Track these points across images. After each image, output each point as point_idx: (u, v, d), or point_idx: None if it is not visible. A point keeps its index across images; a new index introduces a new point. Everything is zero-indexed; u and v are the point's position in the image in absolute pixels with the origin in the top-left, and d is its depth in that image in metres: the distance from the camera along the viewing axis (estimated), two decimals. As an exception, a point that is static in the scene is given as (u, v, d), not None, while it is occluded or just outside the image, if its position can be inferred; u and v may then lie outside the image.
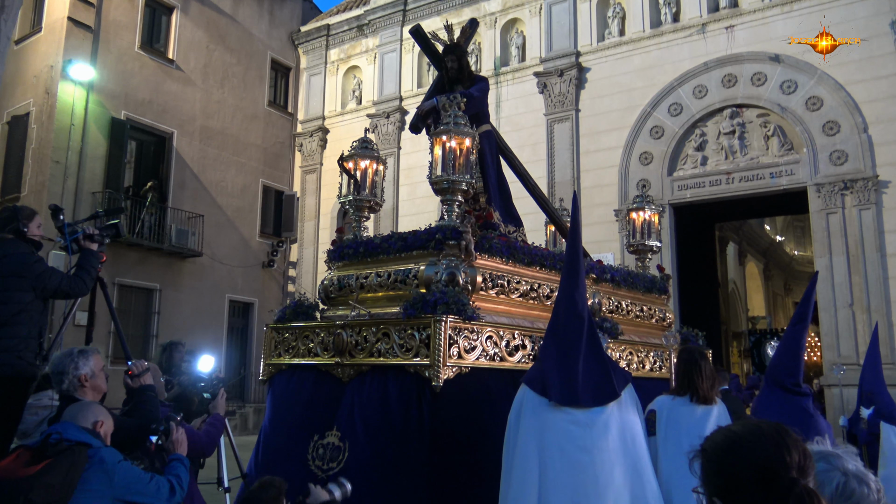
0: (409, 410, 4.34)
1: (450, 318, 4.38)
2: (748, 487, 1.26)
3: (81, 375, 3.43)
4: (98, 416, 3.02)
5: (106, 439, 3.01)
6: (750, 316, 25.01)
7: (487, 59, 18.70)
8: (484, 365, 4.59)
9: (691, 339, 7.04)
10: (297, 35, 22.06)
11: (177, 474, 3.14)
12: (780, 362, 4.50)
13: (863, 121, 13.86)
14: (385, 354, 4.62)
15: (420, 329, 4.44)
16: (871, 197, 13.68)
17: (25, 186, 16.12)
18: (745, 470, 1.28)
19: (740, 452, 1.31)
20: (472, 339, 4.54)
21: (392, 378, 4.52)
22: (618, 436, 3.36)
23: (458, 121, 5.14)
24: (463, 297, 4.58)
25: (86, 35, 16.53)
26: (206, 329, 18.31)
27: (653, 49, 16.33)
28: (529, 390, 3.37)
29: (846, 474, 1.77)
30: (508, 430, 3.38)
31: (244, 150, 20.09)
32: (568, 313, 3.49)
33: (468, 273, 4.81)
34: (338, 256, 5.66)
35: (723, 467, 1.31)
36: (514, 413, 3.42)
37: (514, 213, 6.49)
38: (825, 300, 13.97)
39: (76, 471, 2.71)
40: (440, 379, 4.25)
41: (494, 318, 4.93)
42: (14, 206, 4.24)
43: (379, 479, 4.29)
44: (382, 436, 4.39)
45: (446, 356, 4.31)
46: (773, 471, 1.27)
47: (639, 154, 16.18)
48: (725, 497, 1.26)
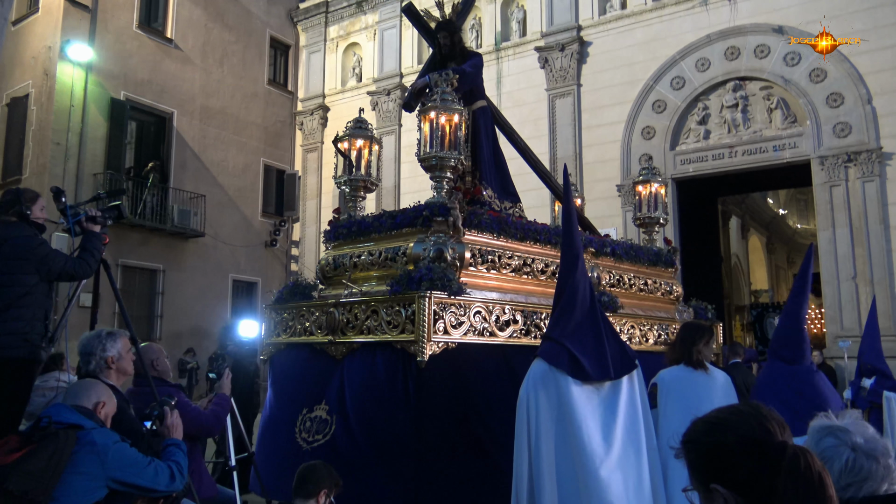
0: (396, 385, 4.40)
1: (435, 294, 4.41)
2: (741, 462, 1.26)
3: (108, 357, 3.46)
4: (100, 397, 2.98)
5: (106, 421, 2.96)
6: (753, 289, 25.00)
7: (488, 34, 18.54)
8: (473, 340, 4.62)
9: (700, 311, 7.03)
10: (296, 12, 21.88)
11: (176, 461, 3.01)
12: (780, 335, 4.52)
13: (867, 92, 13.74)
14: (374, 332, 4.68)
15: (406, 305, 4.48)
16: (874, 169, 13.61)
17: (26, 168, 16.11)
18: (734, 446, 1.28)
19: (725, 432, 1.31)
20: (458, 314, 4.57)
21: (380, 354, 4.58)
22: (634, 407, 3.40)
23: (446, 97, 5.13)
24: (449, 273, 4.62)
25: (83, 15, 16.41)
26: (210, 309, 18.40)
27: (655, 22, 16.17)
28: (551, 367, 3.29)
29: (855, 450, 1.77)
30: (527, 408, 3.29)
31: (245, 130, 20.03)
32: (576, 287, 3.48)
33: (456, 249, 4.83)
34: (333, 236, 5.74)
35: (711, 450, 1.31)
36: (530, 389, 3.29)
37: (510, 190, 6.48)
38: (828, 273, 13.96)
39: (60, 455, 2.64)
40: (425, 354, 4.30)
41: (485, 293, 4.94)
42: (17, 189, 4.23)
43: (367, 451, 4.35)
44: (370, 410, 4.46)
45: (430, 332, 4.35)
46: (760, 440, 1.28)
47: (641, 128, 16.09)
48: (721, 480, 1.26)
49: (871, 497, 1.74)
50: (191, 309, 17.91)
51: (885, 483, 1.77)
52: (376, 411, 4.42)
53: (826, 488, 1.25)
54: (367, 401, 4.51)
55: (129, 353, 3.62)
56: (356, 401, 4.57)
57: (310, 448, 4.64)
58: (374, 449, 4.35)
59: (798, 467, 1.25)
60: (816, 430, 1.94)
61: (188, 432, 3.62)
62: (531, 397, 3.26)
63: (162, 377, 4.23)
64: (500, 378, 3.97)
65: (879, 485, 1.78)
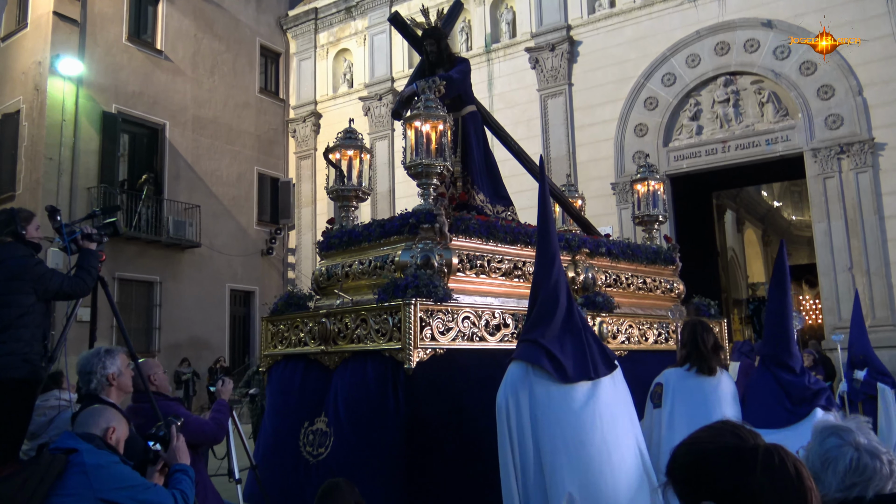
0: (385, 393, 4.40)
1: (421, 301, 4.42)
2: (722, 472, 1.30)
3: (109, 374, 3.45)
4: (110, 423, 2.93)
5: (118, 446, 2.91)
6: (750, 283, 25.06)
7: (478, 36, 18.57)
8: (462, 346, 4.62)
9: (703, 308, 7.01)
10: (285, 20, 21.88)
11: (182, 489, 2.90)
12: (766, 334, 4.48)
13: (857, 83, 13.78)
14: (364, 340, 4.69)
15: (392, 313, 4.49)
16: (867, 160, 13.65)
17: (20, 185, 16.09)
18: (713, 457, 1.33)
19: (702, 447, 1.36)
20: (446, 320, 4.57)
21: (370, 363, 4.58)
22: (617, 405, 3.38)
23: (430, 104, 5.13)
24: (435, 280, 4.62)
25: (72, 29, 16.40)
26: (208, 319, 18.38)
27: (644, 19, 16.21)
28: (531, 368, 3.28)
29: (858, 449, 1.78)
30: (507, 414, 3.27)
31: (237, 139, 20.02)
32: (551, 289, 3.46)
33: (443, 255, 4.83)
34: (326, 247, 5.78)
35: (693, 468, 1.35)
36: (510, 393, 3.27)
37: (502, 193, 6.47)
38: (824, 265, 14.00)
39: (41, 479, 2.57)
40: (412, 361, 4.31)
41: (474, 298, 4.94)
42: (11, 209, 4.22)
43: (361, 462, 4.35)
44: (362, 420, 4.46)
45: (417, 339, 4.35)
46: (735, 447, 1.33)
47: (634, 126, 16.12)
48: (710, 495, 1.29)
49: (882, 496, 1.75)
50: (189, 320, 17.88)
51: (891, 482, 1.77)
52: (368, 420, 4.43)
53: (803, 479, 1.29)
54: (358, 409, 4.52)
55: (128, 370, 3.61)
56: (349, 410, 4.58)
57: (316, 461, 4.64)
58: (367, 458, 4.34)
59: (772, 463, 1.29)
60: (820, 430, 1.95)
61: (192, 443, 3.61)
62: (510, 402, 3.22)
63: (161, 392, 4.22)
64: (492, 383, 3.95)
65: (885, 483, 1.79)
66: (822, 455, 1.92)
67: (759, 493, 1.26)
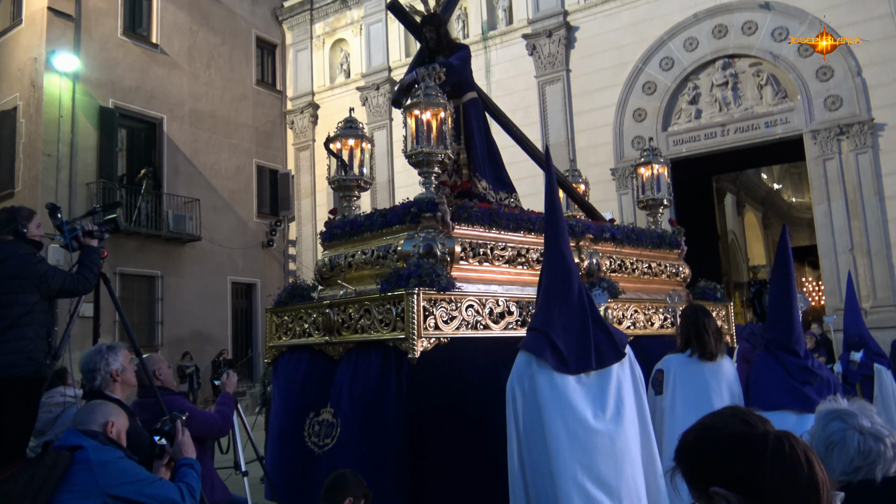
0: (389, 383, 4.40)
1: (423, 291, 4.41)
2: (732, 458, 1.30)
3: (113, 371, 3.48)
4: (108, 417, 2.94)
5: (120, 438, 2.92)
6: (750, 266, 25.04)
7: (475, 23, 18.48)
8: (466, 334, 4.61)
9: (709, 293, 6.98)
10: (281, 11, 21.78)
11: (188, 482, 2.89)
12: (770, 318, 4.46)
13: (856, 64, 13.72)
14: (367, 330, 4.68)
15: (396, 303, 4.48)
16: (867, 141, 13.61)
17: (19, 182, 16.08)
18: (723, 444, 1.33)
19: (711, 433, 1.36)
20: (450, 309, 4.56)
21: (374, 353, 4.58)
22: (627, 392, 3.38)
23: (429, 92, 5.09)
24: (438, 269, 4.60)
25: (67, 24, 16.33)
26: (211, 312, 18.40)
27: (641, 3, 16.12)
28: (534, 358, 3.29)
29: (863, 433, 1.79)
30: (513, 402, 3.30)
31: (235, 132, 19.98)
32: (559, 275, 3.45)
33: (446, 244, 4.81)
34: (329, 237, 5.75)
35: (702, 454, 1.35)
36: (516, 382, 3.30)
37: (505, 180, 6.42)
38: (825, 246, 13.99)
39: (45, 476, 2.58)
40: (416, 351, 4.29)
41: (478, 286, 4.93)
42: (12, 208, 4.23)
43: (366, 452, 4.36)
44: (367, 410, 4.46)
45: (420, 328, 4.34)
46: (744, 434, 1.32)
47: (632, 111, 16.07)
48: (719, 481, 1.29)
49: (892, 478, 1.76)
50: (191, 313, 17.91)
51: (895, 465, 1.78)
52: (373, 410, 4.43)
53: (814, 467, 1.28)
54: (363, 400, 4.51)
55: (131, 365, 3.62)
56: (354, 400, 4.58)
57: (322, 452, 4.65)
58: (372, 447, 4.35)
59: (782, 451, 1.28)
60: (823, 414, 1.96)
61: (197, 436, 3.62)
62: (517, 390, 3.26)
63: (165, 386, 4.24)
64: (497, 371, 3.94)
65: (889, 466, 1.79)
66: (825, 439, 1.93)
67: (768, 480, 1.26)
